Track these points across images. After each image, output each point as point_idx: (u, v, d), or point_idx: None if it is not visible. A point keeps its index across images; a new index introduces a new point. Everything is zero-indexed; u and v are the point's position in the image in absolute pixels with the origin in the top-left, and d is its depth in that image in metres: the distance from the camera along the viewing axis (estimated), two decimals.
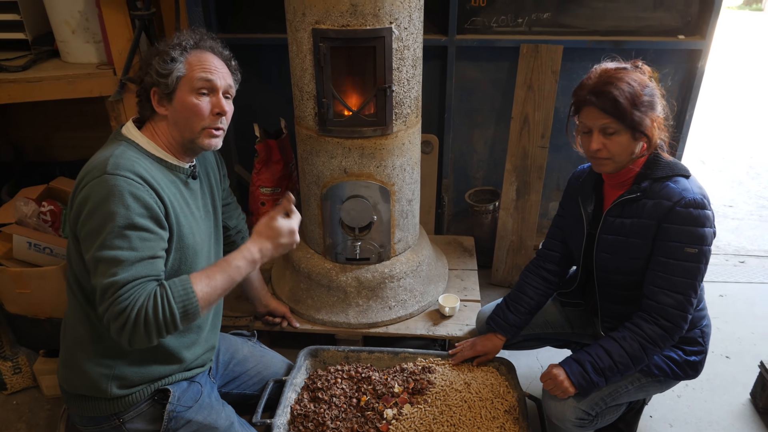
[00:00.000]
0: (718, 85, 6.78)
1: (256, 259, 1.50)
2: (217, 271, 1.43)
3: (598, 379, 1.63)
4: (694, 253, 1.55)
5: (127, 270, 1.31)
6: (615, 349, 1.62)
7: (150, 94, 1.48)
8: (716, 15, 2.51)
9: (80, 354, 1.50)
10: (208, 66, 1.48)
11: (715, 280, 3.04)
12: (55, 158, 2.98)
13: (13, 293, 2.08)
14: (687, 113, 2.73)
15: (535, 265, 2.01)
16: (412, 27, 1.99)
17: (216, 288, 1.42)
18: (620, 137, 1.56)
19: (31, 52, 2.28)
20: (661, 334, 1.59)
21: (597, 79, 1.58)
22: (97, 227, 1.32)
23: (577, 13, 2.60)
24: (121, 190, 1.33)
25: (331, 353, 2.07)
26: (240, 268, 1.47)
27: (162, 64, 1.43)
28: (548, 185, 2.98)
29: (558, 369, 1.69)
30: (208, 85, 1.47)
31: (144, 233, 1.35)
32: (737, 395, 2.28)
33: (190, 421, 1.56)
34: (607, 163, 1.62)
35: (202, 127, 1.49)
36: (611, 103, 1.52)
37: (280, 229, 1.53)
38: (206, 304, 1.40)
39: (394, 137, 2.11)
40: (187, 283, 1.37)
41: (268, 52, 2.79)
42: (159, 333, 1.34)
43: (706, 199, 1.57)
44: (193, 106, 1.46)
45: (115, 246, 1.31)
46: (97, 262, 1.32)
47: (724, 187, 4.22)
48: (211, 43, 1.53)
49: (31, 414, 2.20)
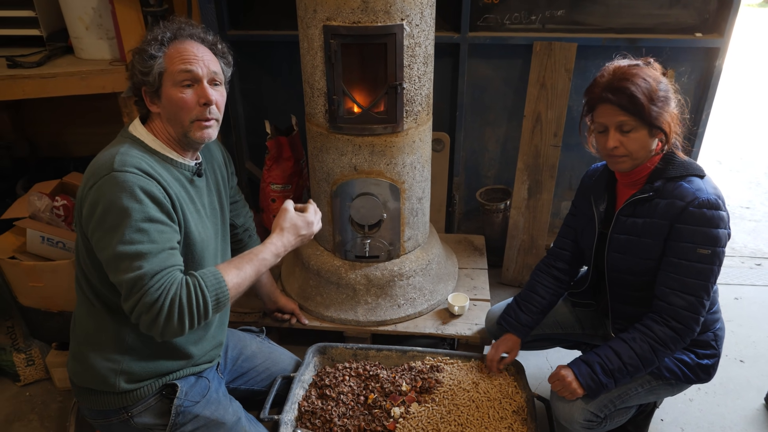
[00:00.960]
0: (737, 84, 6.67)
1: (280, 252, 1.58)
2: (245, 262, 1.48)
3: (607, 381, 1.61)
4: (707, 255, 1.52)
5: (151, 262, 1.32)
6: (625, 351, 1.60)
7: (141, 93, 1.48)
8: (735, 12, 2.46)
9: (88, 348, 1.51)
10: (187, 56, 1.44)
11: (730, 282, 2.99)
12: (69, 154, 3.02)
13: (26, 286, 2.11)
14: (704, 112, 2.69)
15: (546, 264, 1.99)
16: (424, 24, 1.98)
17: (245, 279, 1.46)
18: (637, 134, 1.54)
19: (46, 49, 2.30)
20: (672, 336, 1.57)
21: (611, 76, 1.56)
22: (113, 225, 1.32)
23: (591, 10, 2.57)
24: (132, 185, 1.33)
25: (340, 350, 2.07)
26: (266, 260, 1.53)
27: (142, 62, 1.42)
28: (560, 184, 2.96)
29: (566, 370, 1.67)
30: (189, 76, 1.44)
31: (160, 225, 1.36)
32: (751, 400, 2.24)
33: (197, 416, 1.57)
34: (625, 161, 1.59)
35: (190, 120, 1.47)
36: (628, 99, 1.50)
37: (297, 222, 1.62)
38: (236, 293, 1.45)
39: (405, 135, 2.10)
40: (218, 274, 1.41)
41: (279, 49, 2.79)
42: (191, 322, 1.36)
43: (721, 199, 1.54)
44: (178, 100, 1.44)
45: (136, 240, 1.32)
46: (118, 258, 1.32)
47: (741, 188, 4.16)
48: (190, 30, 1.49)
49: (43, 406, 2.23)
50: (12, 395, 2.28)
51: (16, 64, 2.13)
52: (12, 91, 2.08)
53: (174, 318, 1.32)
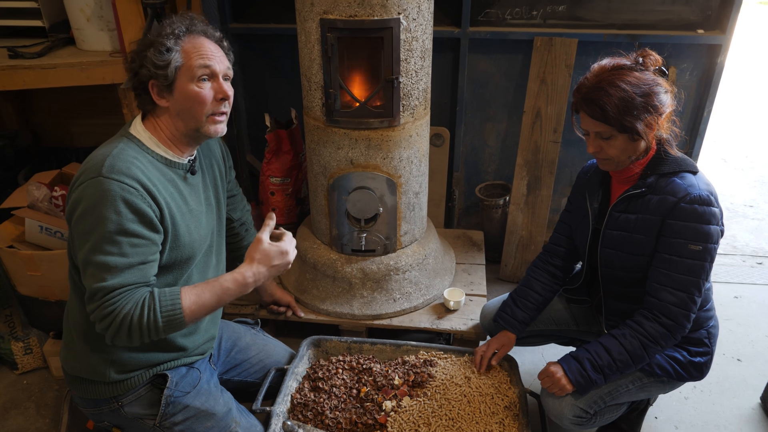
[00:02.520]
0: (743, 82, 6.61)
1: (248, 283, 1.49)
2: (207, 290, 1.44)
3: (597, 377, 1.61)
4: (698, 251, 1.52)
5: (116, 276, 1.34)
6: (615, 347, 1.60)
7: (148, 86, 1.44)
8: (737, 9, 2.44)
9: (80, 338, 1.53)
10: (205, 51, 1.45)
11: (730, 281, 2.98)
12: (72, 144, 3.03)
13: (24, 275, 2.13)
14: (705, 109, 2.67)
15: (542, 260, 1.98)
16: (421, 18, 1.97)
17: (203, 306, 1.43)
18: (616, 141, 1.56)
19: (48, 39, 2.31)
20: (662, 332, 1.56)
21: (590, 82, 1.56)
22: (88, 229, 1.34)
23: (592, 6, 2.55)
24: (114, 195, 1.33)
25: (334, 344, 2.08)
26: (229, 290, 1.47)
27: (158, 55, 1.40)
28: (560, 180, 2.95)
29: (556, 366, 1.67)
30: (208, 72, 1.45)
31: (135, 239, 1.36)
32: (747, 399, 2.23)
33: (187, 407, 1.58)
34: (608, 163, 1.63)
35: (206, 115, 1.47)
36: (600, 112, 1.52)
37: (269, 253, 1.51)
38: (192, 318, 1.42)
39: (402, 129, 2.10)
40: (176, 297, 1.39)
41: (281, 42, 2.79)
42: (141, 338, 1.38)
43: (713, 195, 1.53)
44: (195, 95, 1.44)
45: (106, 251, 1.33)
46: (87, 264, 1.35)
47: (745, 187, 4.12)
48: (202, 26, 1.49)
49: (39, 394, 2.25)
50: (9, 383, 2.30)
51: (17, 55, 2.14)
52: (13, 82, 2.10)
53: (124, 332, 1.36)
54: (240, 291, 1.48)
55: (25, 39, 2.32)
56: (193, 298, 1.42)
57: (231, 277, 1.48)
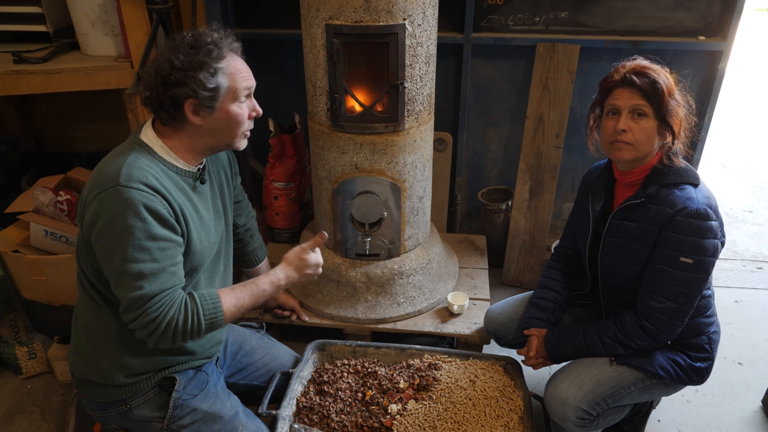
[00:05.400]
0: (743, 88, 6.65)
1: (281, 285, 1.64)
2: (245, 292, 1.55)
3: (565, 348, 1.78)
4: (690, 264, 1.54)
5: (152, 282, 1.36)
6: (589, 330, 1.74)
7: (183, 104, 1.40)
8: (738, 16, 2.46)
9: (89, 342, 1.53)
10: (246, 73, 1.48)
11: (731, 285, 2.99)
12: (75, 149, 3.03)
13: (29, 280, 2.13)
14: (706, 116, 2.69)
15: (555, 261, 2.03)
16: (426, 24, 1.99)
17: (241, 307, 1.53)
18: (648, 123, 1.55)
19: (52, 44, 2.32)
20: (637, 333, 1.64)
21: (632, 66, 1.59)
22: (115, 240, 1.34)
23: (595, 12, 2.57)
24: (136, 203, 1.33)
25: (339, 347, 2.08)
26: (265, 291, 1.59)
27: (209, 78, 1.39)
28: (562, 185, 2.96)
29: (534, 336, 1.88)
30: (249, 92, 1.50)
31: (162, 243, 1.38)
32: (748, 402, 2.25)
33: (195, 409, 1.59)
34: (628, 150, 1.58)
35: (242, 132, 1.52)
36: (651, 84, 1.53)
37: (308, 262, 1.69)
38: (230, 319, 1.51)
39: (406, 134, 2.11)
40: (217, 300, 1.47)
41: (284, 48, 2.80)
42: (184, 340, 1.44)
43: (712, 208, 1.55)
44: (237, 115, 1.47)
45: (138, 259, 1.34)
46: (119, 275, 1.36)
47: (745, 192, 4.14)
48: (234, 44, 1.49)
49: (44, 398, 2.25)
50: (14, 388, 2.30)
51: (22, 60, 2.14)
52: (17, 86, 2.10)
53: (168, 336, 1.41)
54: (274, 293, 1.62)
55: (29, 44, 2.32)
56: (233, 301, 1.50)
57: (267, 279, 1.61)
